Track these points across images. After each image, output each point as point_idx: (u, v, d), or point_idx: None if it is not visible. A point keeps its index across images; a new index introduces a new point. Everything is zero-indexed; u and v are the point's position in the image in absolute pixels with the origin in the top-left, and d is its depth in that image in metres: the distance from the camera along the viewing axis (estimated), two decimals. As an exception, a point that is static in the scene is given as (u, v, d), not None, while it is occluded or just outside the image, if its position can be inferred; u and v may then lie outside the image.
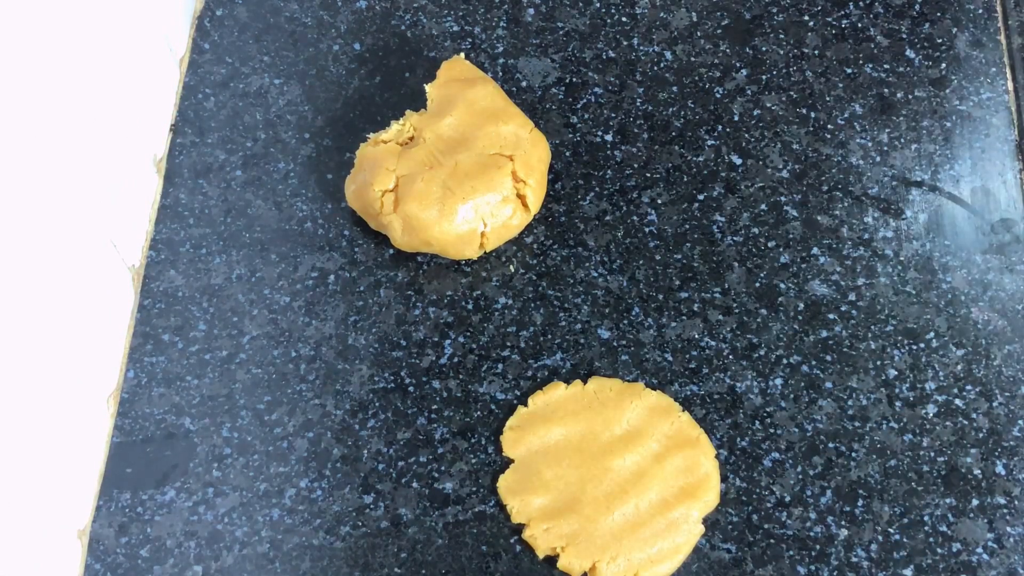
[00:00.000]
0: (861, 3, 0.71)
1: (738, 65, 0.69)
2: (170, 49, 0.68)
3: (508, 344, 0.61)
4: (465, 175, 0.61)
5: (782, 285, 0.62)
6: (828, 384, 0.59)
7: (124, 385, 0.60)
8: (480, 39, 0.70)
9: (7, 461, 0.48)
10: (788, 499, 0.56)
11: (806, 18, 0.71)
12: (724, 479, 0.57)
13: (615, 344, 0.60)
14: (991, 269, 0.62)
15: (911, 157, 0.66)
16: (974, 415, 0.58)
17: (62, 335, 0.54)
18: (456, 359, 0.60)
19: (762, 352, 0.60)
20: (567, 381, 0.59)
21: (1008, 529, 0.56)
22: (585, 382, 0.59)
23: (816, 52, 0.69)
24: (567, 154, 0.66)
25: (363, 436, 0.59)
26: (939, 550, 0.55)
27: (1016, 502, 0.56)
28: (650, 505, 0.55)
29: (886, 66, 0.69)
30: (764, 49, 0.69)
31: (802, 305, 0.62)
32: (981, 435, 0.58)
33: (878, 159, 0.66)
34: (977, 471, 0.57)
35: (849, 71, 0.69)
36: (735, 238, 0.64)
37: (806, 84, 0.68)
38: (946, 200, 0.65)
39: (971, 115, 0.67)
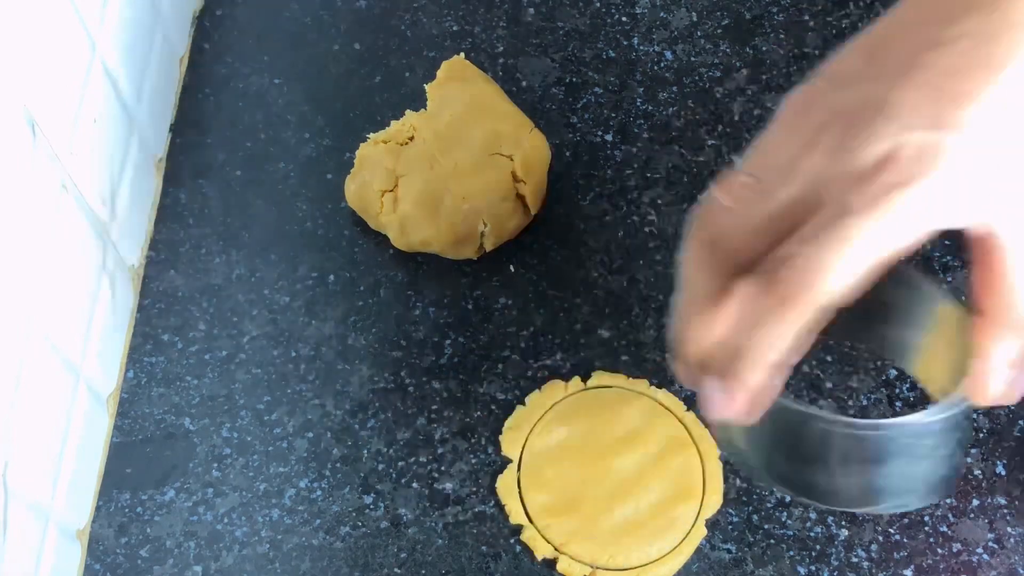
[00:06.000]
0: (861, 3, 0.71)
1: (738, 65, 0.69)
2: (170, 49, 0.68)
3: (508, 344, 0.61)
4: (465, 175, 0.61)
5: (782, 285, 0.62)
6: (828, 384, 0.59)
7: (124, 385, 0.60)
8: (480, 39, 0.70)
9: (7, 461, 0.48)
10: (788, 499, 0.56)
11: (806, 18, 0.71)
12: (724, 479, 0.57)
13: (615, 344, 0.60)
14: (991, 269, 0.62)
15: (911, 157, 0.66)
16: (974, 415, 0.58)
17: (62, 335, 0.54)
18: (456, 359, 0.60)
19: (762, 352, 0.60)
20: (567, 381, 0.59)
21: (1008, 529, 0.56)
22: (586, 381, 0.59)
23: (816, 52, 0.69)
24: (567, 154, 0.66)
25: (363, 436, 0.59)
26: (939, 550, 0.55)
27: (1016, 502, 0.56)
28: (651, 505, 0.55)
29: (886, 66, 0.69)
30: (764, 49, 0.69)
31: (802, 305, 0.61)
32: (981, 435, 0.58)
33: (878, 159, 0.66)
34: (977, 471, 0.57)
35: (849, 71, 0.69)
36: (735, 238, 0.63)
37: (806, 84, 0.68)
38: (946, 200, 0.65)
39: (971, 115, 0.67)
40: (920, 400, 0.59)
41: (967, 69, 0.37)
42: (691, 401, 0.59)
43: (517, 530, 0.56)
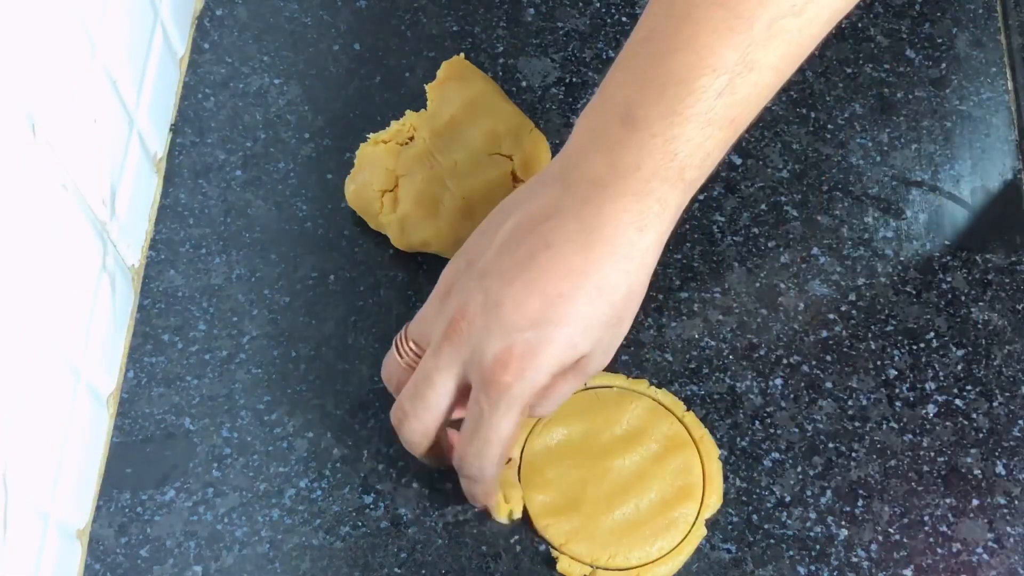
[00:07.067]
0: (861, 3, 0.71)
1: (738, 65, 0.69)
2: (170, 49, 0.68)
3: (508, 344, 0.61)
4: (464, 175, 0.61)
5: (782, 285, 0.62)
6: (828, 384, 0.59)
7: (124, 385, 0.60)
8: (480, 39, 0.70)
9: (7, 461, 0.48)
10: (788, 499, 0.56)
11: (806, 18, 0.71)
12: (724, 479, 0.57)
13: (615, 344, 0.60)
14: (991, 269, 0.62)
15: (911, 157, 0.66)
16: (974, 415, 0.58)
17: (62, 335, 0.54)
18: (456, 359, 0.60)
19: (762, 352, 0.60)
20: (567, 381, 0.59)
21: (1008, 529, 0.56)
22: (585, 382, 0.59)
23: (816, 52, 0.69)
24: (567, 154, 0.66)
25: (363, 436, 0.59)
26: (939, 550, 0.55)
27: (1016, 502, 0.56)
28: (651, 505, 0.55)
29: (886, 66, 0.69)
30: (764, 49, 0.69)
31: (802, 305, 0.62)
32: (981, 435, 0.58)
33: (878, 159, 0.66)
34: (977, 471, 0.57)
35: (849, 71, 0.69)
36: (735, 238, 0.63)
37: (806, 84, 0.68)
38: (946, 200, 0.65)
39: (971, 115, 0.67)
40: (920, 400, 0.59)
41: (565, 275, 0.46)
42: (691, 401, 0.59)
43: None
